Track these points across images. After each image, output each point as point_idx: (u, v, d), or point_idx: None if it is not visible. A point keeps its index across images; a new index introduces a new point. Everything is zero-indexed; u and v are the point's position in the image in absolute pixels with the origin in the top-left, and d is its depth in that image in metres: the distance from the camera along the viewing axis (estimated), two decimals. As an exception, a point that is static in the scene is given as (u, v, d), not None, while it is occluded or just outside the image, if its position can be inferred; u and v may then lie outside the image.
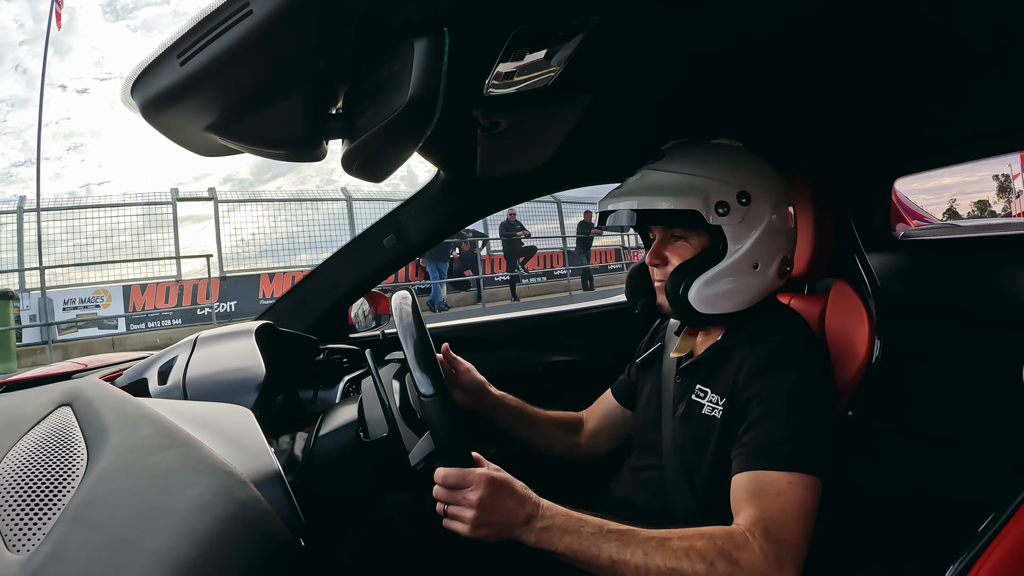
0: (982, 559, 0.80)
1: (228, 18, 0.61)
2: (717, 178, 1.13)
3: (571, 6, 0.81)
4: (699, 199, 1.11)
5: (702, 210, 1.11)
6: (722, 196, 1.12)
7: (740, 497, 1.00)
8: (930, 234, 1.73)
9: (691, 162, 1.17)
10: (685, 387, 1.23)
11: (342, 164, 0.84)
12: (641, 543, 0.93)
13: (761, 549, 0.91)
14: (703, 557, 0.90)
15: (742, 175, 1.15)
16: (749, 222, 1.13)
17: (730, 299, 1.15)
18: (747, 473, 1.01)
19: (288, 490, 0.81)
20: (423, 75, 0.70)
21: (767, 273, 1.17)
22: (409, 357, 1.00)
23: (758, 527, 0.93)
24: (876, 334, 1.21)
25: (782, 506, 0.96)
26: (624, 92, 1.21)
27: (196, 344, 1.31)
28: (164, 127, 0.75)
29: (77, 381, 1.12)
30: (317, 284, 1.76)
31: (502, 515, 0.95)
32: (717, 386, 1.16)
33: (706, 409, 1.16)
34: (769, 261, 1.16)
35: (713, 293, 1.14)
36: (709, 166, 1.15)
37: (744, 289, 1.15)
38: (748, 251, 1.14)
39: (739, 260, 1.14)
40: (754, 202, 1.13)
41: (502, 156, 1.42)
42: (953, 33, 1.01)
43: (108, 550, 0.59)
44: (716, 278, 1.14)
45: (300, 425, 1.20)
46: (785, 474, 0.98)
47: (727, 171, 1.14)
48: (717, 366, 1.18)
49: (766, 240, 1.15)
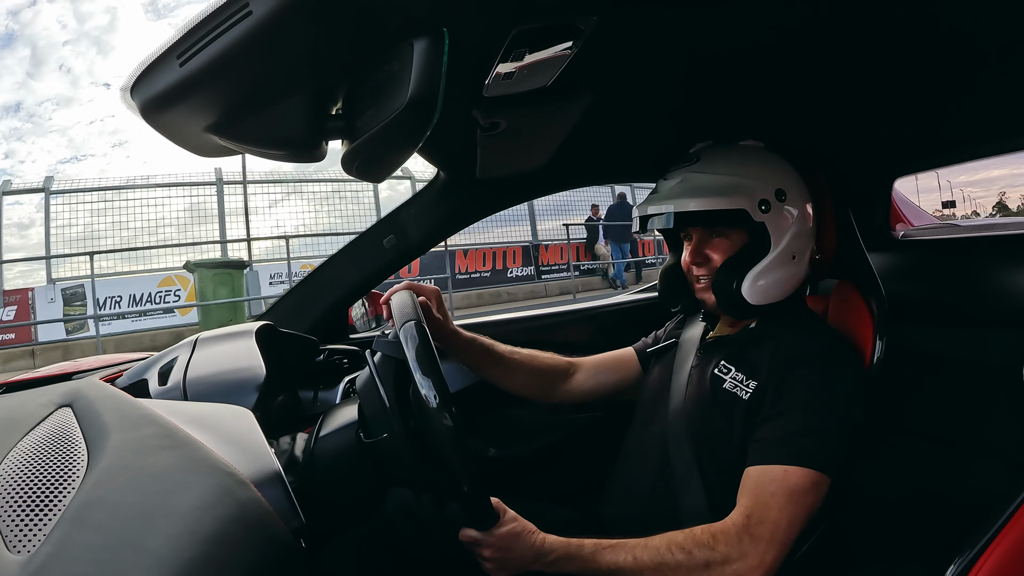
0: (983, 559, 0.80)
1: (227, 19, 0.61)
2: (757, 177, 1.20)
3: (571, 6, 0.81)
4: (745, 198, 1.17)
5: (748, 208, 1.17)
6: (764, 194, 1.19)
7: (742, 490, 1.05)
8: (930, 234, 1.73)
9: (729, 163, 1.23)
10: (706, 362, 1.26)
11: (342, 164, 0.84)
12: (630, 548, 1.02)
13: (738, 534, 0.99)
14: (682, 548, 0.99)
15: (776, 173, 1.22)
16: (787, 217, 1.21)
17: (776, 289, 1.21)
18: (754, 467, 1.06)
19: (289, 491, 0.81)
20: (423, 75, 0.70)
21: (803, 263, 1.24)
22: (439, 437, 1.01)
23: (742, 515, 1.01)
24: (878, 334, 1.21)
25: (772, 492, 1.01)
26: (624, 92, 1.21)
27: (196, 345, 1.30)
28: (163, 128, 0.75)
29: (77, 382, 1.12)
30: (317, 285, 1.76)
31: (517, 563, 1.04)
32: (746, 367, 1.19)
33: (728, 384, 1.19)
34: (804, 252, 1.24)
35: (763, 285, 1.20)
36: (747, 166, 1.22)
37: (787, 279, 1.22)
38: (788, 244, 1.21)
39: (782, 253, 1.20)
40: (789, 198, 1.21)
41: (502, 156, 1.42)
42: (954, 33, 1.01)
43: (109, 551, 0.59)
44: (765, 271, 1.20)
45: (300, 426, 1.19)
46: (785, 467, 1.03)
47: (764, 170, 1.21)
48: (748, 349, 1.22)
49: (801, 232, 1.22)
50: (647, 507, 1.23)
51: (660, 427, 1.27)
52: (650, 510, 1.23)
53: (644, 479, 1.26)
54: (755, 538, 0.98)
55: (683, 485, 1.19)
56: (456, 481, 0.98)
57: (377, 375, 1.08)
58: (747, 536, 0.98)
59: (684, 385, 1.27)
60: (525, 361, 1.47)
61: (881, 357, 1.20)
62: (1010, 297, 1.33)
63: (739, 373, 1.18)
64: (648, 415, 1.33)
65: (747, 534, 0.98)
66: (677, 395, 1.27)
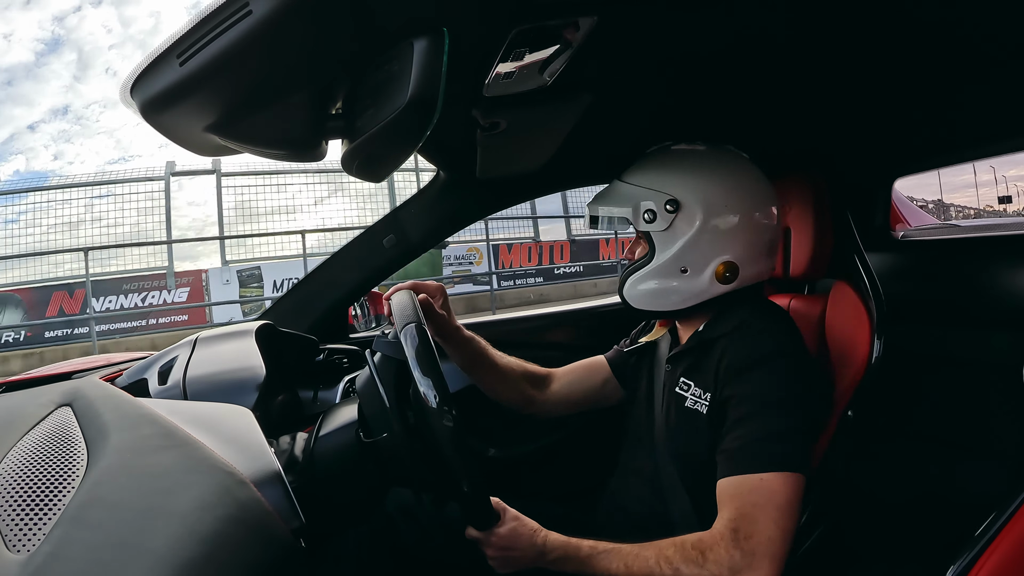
0: (982, 559, 0.80)
1: (227, 18, 0.61)
2: (649, 187, 1.21)
3: (570, 6, 0.81)
4: (628, 207, 1.21)
5: (630, 217, 1.21)
6: (650, 204, 1.19)
7: (720, 502, 1.04)
8: (930, 234, 1.73)
9: (637, 171, 1.25)
10: (672, 378, 1.26)
11: (342, 164, 0.84)
12: (623, 556, 1.02)
13: (727, 549, 0.97)
14: (670, 562, 0.99)
15: (677, 183, 1.19)
16: (676, 228, 1.19)
17: (659, 299, 1.24)
18: (726, 479, 1.05)
19: (288, 490, 0.81)
20: (423, 75, 0.70)
21: (701, 277, 1.20)
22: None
23: (728, 527, 0.99)
24: (876, 334, 1.21)
25: (754, 503, 1.00)
26: (624, 92, 1.21)
27: (196, 344, 1.30)
28: (163, 127, 0.75)
29: (77, 381, 1.12)
30: (317, 284, 1.76)
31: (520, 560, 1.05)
32: (700, 379, 1.18)
33: (688, 402, 1.19)
34: (701, 266, 1.19)
35: (641, 291, 1.24)
36: (646, 175, 1.23)
37: (674, 291, 1.22)
38: (675, 256, 1.20)
39: (665, 264, 1.21)
40: (683, 209, 1.18)
41: (502, 156, 1.42)
42: (953, 34, 1.01)
43: (108, 550, 0.59)
44: (642, 279, 1.24)
45: (300, 425, 1.19)
46: (759, 475, 1.02)
47: (663, 179, 1.20)
48: (701, 357, 1.21)
49: (696, 246, 1.18)
50: (640, 514, 1.24)
51: (647, 442, 1.28)
52: (643, 516, 1.24)
53: (636, 489, 1.27)
54: (747, 553, 0.96)
55: (672, 495, 1.20)
56: (456, 481, 0.98)
57: (377, 375, 1.08)
58: (737, 551, 0.96)
59: (661, 402, 1.27)
60: (513, 368, 1.46)
61: (879, 357, 1.20)
62: (1010, 297, 1.33)
63: (696, 388, 1.18)
64: (636, 429, 1.33)
65: (737, 549, 0.96)
66: (657, 412, 1.28)
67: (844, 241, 1.37)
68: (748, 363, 1.10)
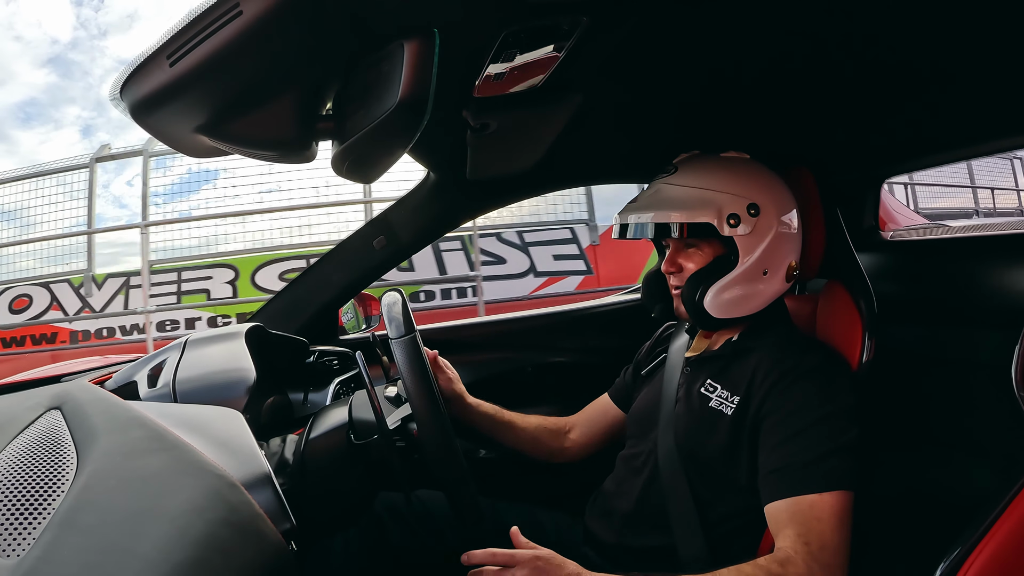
0: (972, 557, 0.80)
1: (218, 19, 0.61)
2: (728, 191, 1.20)
3: (561, 7, 0.81)
4: (712, 212, 1.18)
5: (715, 223, 1.18)
6: (733, 209, 1.18)
7: (780, 522, 1.04)
8: (919, 234, 1.74)
9: (703, 176, 1.23)
10: (693, 379, 1.26)
11: (332, 165, 0.84)
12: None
13: (804, 562, 0.97)
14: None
15: (751, 187, 1.21)
16: (759, 232, 1.20)
17: (743, 304, 1.22)
18: (783, 500, 1.05)
19: (279, 493, 0.80)
20: (413, 76, 0.70)
21: (776, 278, 1.23)
22: None
23: (799, 542, 0.99)
24: (867, 334, 1.22)
25: (817, 517, 1.01)
26: (614, 94, 1.21)
27: (186, 346, 1.30)
28: (153, 128, 0.74)
29: (66, 384, 1.11)
30: (307, 286, 1.75)
31: None
32: (730, 383, 1.19)
33: (714, 403, 1.19)
34: (778, 267, 1.23)
35: (727, 299, 1.21)
36: (720, 180, 1.21)
37: (755, 294, 1.22)
38: (758, 259, 1.20)
39: (750, 268, 1.20)
40: (763, 213, 1.19)
41: (492, 157, 1.42)
42: (942, 34, 1.02)
43: (98, 554, 0.58)
44: (729, 285, 1.20)
45: (291, 427, 1.19)
46: (818, 495, 1.02)
47: (737, 184, 1.20)
48: (733, 363, 1.22)
49: (774, 247, 1.21)
50: (635, 514, 1.24)
51: (650, 441, 1.27)
52: (638, 517, 1.23)
53: (632, 490, 1.27)
54: (824, 565, 0.97)
55: (671, 494, 1.19)
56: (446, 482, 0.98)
57: (367, 377, 1.08)
58: (815, 563, 0.97)
59: (673, 402, 1.27)
60: (530, 426, 1.49)
61: (870, 357, 1.20)
62: (999, 297, 1.33)
63: (724, 391, 1.19)
64: (638, 430, 1.33)
65: (814, 561, 0.97)
66: (666, 411, 1.27)
67: (835, 241, 1.37)
68: (791, 377, 1.12)
